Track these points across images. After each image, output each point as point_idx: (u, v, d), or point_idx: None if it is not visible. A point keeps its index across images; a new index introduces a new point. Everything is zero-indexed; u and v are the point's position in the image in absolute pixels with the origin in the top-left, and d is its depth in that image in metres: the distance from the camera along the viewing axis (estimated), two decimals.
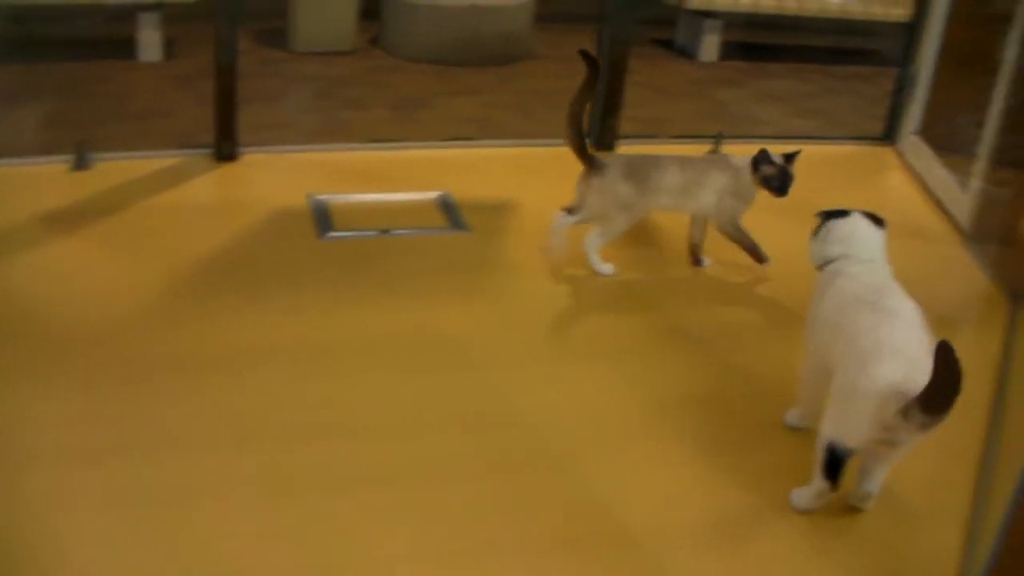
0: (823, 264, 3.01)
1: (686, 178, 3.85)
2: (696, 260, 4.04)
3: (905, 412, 2.43)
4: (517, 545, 2.57)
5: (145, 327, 3.33)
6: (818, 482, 2.70)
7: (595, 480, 2.83)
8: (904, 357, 2.55)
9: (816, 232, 3.08)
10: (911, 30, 5.48)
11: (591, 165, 3.81)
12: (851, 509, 2.74)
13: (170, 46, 6.42)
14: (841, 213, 3.06)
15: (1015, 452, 3.01)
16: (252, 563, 2.43)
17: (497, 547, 2.56)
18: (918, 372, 2.51)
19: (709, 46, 7.60)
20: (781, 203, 3.88)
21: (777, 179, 3.79)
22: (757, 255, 3.99)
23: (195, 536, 2.48)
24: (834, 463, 2.65)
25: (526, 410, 3.10)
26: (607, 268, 3.92)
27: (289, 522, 2.55)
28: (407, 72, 6.68)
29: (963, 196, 4.64)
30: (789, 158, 3.80)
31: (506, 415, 3.08)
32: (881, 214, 3.06)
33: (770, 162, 3.79)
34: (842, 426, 2.62)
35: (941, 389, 2.37)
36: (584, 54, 3.78)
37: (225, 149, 4.55)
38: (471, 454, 2.89)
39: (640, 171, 3.82)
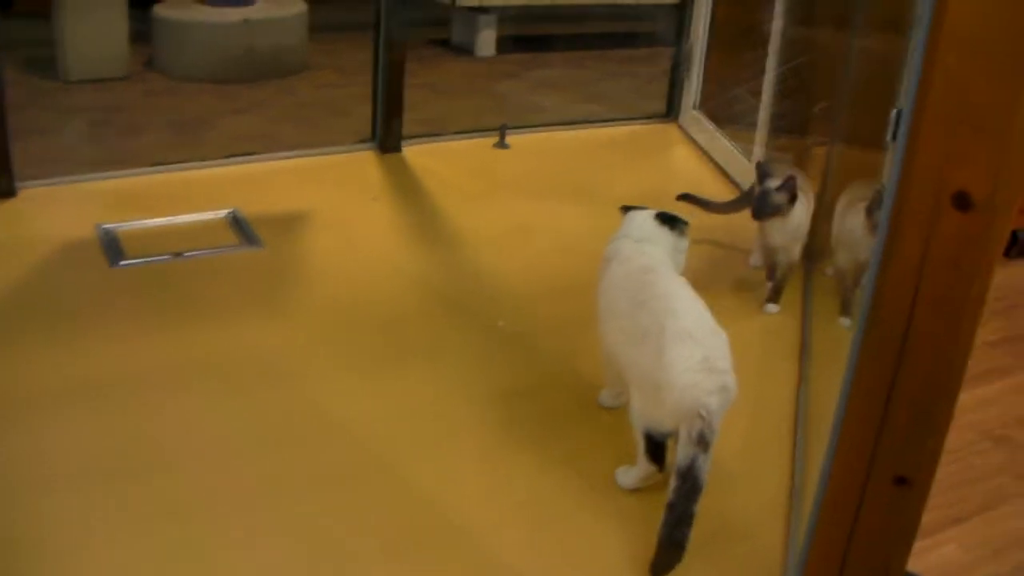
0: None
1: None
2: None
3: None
4: (344, 558, 2.53)
5: None
6: (643, 465, 2.74)
7: (417, 482, 2.81)
8: (696, 339, 2.60)
9: None
10: (681, 9, 5.62)
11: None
12: None
13: None
14: (633, 208, 3.14)
15: (825, 405, 3.10)
16: None
17: (323, 562, 2.51)
18: (713, 350, 2.58)
19: (485, 41, 7.65)
20: (573, 185, 3.87)
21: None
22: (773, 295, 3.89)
23: None
24: (655, 447, 2.69)
25: (340, 421, 3.06)
26: None
27: (100, 559, 2.46)
28: (185, 93, 6.55)
29: (748, 164, 4.76)
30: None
31: (320, 429, 3.02)
32: (680, 215, 3.10)
33: None
34: (652, 413, 2.65)
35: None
36: (682, 198, 4.21)
37: (1, 185, 4.37)
38: (289, 472, 2.83)
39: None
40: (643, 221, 3.03)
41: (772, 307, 3.80)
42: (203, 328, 3.50)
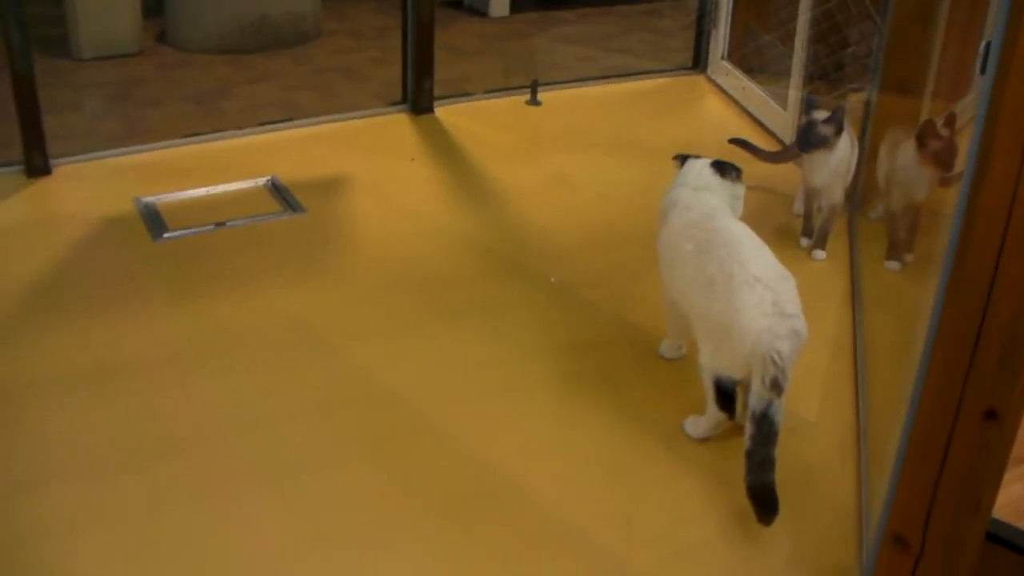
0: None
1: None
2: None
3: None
4: (397, 522, 2.52)
5: None
6: (713, 413, 2.75)
7: (473, 443, 2.81)
8: (765, 284, 2.60)
9: None
10: None
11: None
12: (742, 430, 2.68)
13: None
14: (689, 157, 3.13)
15: (881, 349, 3.11)
16: None
17: (378, 528, 2.51)
18: (782, 294, 2.57)
19: (499, 1, 7.59)
20: (607, 138, 3.84)
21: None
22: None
23: (64, 569, 2.36)
24: (724, 395, 2.70)
25: (386, 385, 3.05)
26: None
27: (164, 533, 2.46)
28: (200, 65, 6.50)
29: (783, 112, 4.74)
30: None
31: (367, 393, 3.02)
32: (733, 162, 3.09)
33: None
34: (723, 361, 2.66)
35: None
36: (734, 143, 4.27)
37: (36, 162, 4.34)
38: (338, 438, 2.83)
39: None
40: (701, 169, 3.02)
41: (819, 253, 3.79)
42: (248, 297, 3.50)
